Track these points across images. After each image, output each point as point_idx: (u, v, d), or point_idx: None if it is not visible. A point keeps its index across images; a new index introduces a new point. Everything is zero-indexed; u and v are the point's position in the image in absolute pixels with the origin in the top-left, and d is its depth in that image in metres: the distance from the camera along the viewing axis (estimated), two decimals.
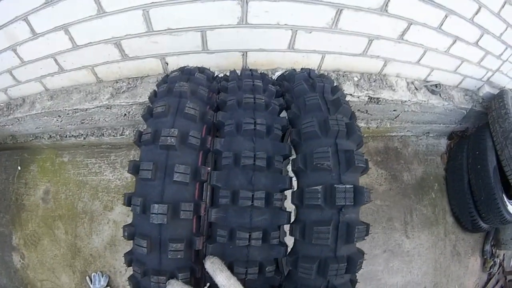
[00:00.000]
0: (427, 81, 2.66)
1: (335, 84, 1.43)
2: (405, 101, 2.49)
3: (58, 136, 2.64)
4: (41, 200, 2.70)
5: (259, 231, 1.05)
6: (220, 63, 2.09)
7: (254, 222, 1.07)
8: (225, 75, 1.58)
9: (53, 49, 1.99)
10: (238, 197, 1.02)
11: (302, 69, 1.54)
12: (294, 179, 1.20)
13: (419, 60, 2.42)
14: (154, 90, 1.33)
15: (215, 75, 1.55)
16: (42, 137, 2.68)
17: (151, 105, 1.25)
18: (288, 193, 1.21)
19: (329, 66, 2.27)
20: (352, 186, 1.08)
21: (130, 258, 1.12)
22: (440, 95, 2.67)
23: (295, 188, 1.17)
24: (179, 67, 2.01)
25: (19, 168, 2.87)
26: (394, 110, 2.60)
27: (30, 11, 1.76)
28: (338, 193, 1.05)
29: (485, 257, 3.31)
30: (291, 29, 1.92)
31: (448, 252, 3.05)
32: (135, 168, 1.07)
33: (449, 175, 3.14)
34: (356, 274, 1.20)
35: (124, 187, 2.62)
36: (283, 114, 1.36)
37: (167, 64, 2.10)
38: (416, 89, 2.57)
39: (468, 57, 2.57)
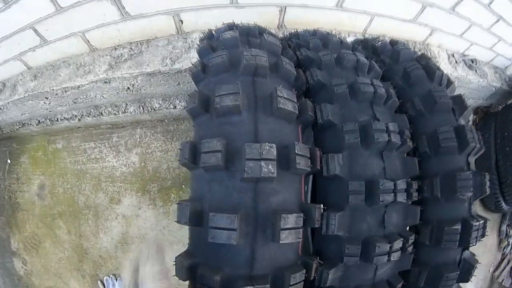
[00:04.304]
0: (464, 55, 2.53)
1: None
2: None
3: (48, 120, 2.14)
4: (36, 197, 2.23)
5: None
6: (251, 21, 1.65)
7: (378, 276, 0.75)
8: (285, 36, 1.17)
9: (31, 17, 1.53)
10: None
11: (394, 41, 1.28)
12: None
13: (463, 33, 2.29)
14: (202, 62, 0.83)
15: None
16: (30, 124, 2.17)
17: (202, 91, 0.78)
18: None
19: (375, 30, 1.98)
20: (483, 221, 0.92)
21: None
22: (476, 71, 2.54)
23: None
24: (197, 26, 1.56)
25: (8, 161, 2.38)
26: None
27: None
28: (473, 232, 0.88)
29: (501, 237, 3.25)
30: None
31: None
32: None
33: None
34: None
35: (131, 174, 2.12)
36: None
37: (182, 22, 1.61)
38: (456, 62, 2.43)
39: (505, 37, 2.47)
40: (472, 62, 2.52)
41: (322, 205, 0.71)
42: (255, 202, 0.63)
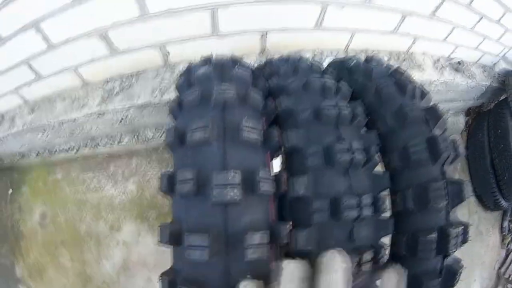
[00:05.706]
0: (450, 58, 2.51)
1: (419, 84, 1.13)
2: (434, 80, 2.31)
3: (46, 152, 2.19)
4: (39, 225, 2.27)
5: None
6: (234, 48, 1.67)
7: None
8: (261, 65, 1.21)
9: (25, 53, 1.58)
10: None
11: (368, 58, 1.28)
12: None
13: (446, 37, 2.27)
14: (179, 98, 0.90)
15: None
16: (29, 155, 2.24)
17: (178, 126, 0.84)
18: None
19: (357, 46, 1.98)
20: (462, 227, 0.97)
21: None
22: (463, 72, 2.53)
23: None
24: (183, 57, 1.63)
25: (10, 190, 2.43)
26: None
27: None
28: (451, 239, 0.91)
29: (504, 233, 3.21)
30: (321, 3, 1.54)
31: (471, 233, 2.79)
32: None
33: (470, 154, 2.93)
34: None
35: (130, 202, 2.18)
36: None
37: (169, 53, 1.66)
38: (442, 67, 2.40)
39: (490, 34, 2.47)
40: (459, 64, 2.53)
41: (290, 223, 0.76)
42: (225, 223, 0.69)
